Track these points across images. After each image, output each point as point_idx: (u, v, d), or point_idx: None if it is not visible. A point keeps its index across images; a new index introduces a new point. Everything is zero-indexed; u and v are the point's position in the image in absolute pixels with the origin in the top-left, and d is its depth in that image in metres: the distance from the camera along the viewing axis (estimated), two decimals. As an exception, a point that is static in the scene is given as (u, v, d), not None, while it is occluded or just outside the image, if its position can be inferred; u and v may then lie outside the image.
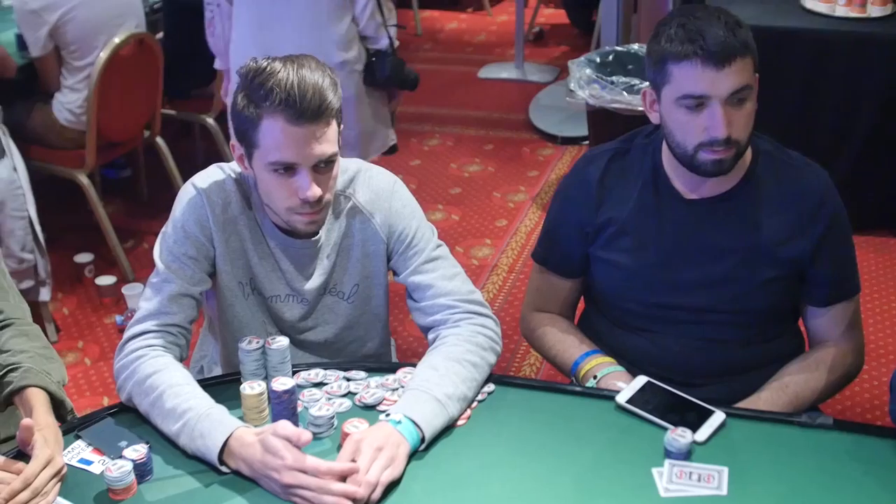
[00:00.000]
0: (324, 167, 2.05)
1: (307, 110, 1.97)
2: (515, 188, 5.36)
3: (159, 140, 4.85)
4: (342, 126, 2.09)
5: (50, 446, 1.88)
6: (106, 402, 3.69)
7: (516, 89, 6.81)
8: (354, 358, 2.33)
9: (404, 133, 6.00)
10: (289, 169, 2.03)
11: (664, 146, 2.24)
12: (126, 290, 4.28)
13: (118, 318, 4.21)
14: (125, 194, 5.32)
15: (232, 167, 2.21)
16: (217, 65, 4.08)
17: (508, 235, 4.84)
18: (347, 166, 2.24)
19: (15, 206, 3.89)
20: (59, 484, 1.86)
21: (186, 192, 2.18)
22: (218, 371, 2.40)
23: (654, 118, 2.22)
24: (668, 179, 2.26)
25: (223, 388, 2.10)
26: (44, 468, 1.84)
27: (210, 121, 5.06)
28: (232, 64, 3.86)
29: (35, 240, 4.00)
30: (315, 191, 2.03)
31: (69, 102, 4.43)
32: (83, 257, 4.56)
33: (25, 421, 1.92)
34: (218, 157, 5.13)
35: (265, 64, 2.02)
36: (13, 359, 2.11)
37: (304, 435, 1.81)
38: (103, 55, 4.27)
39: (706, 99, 2.07)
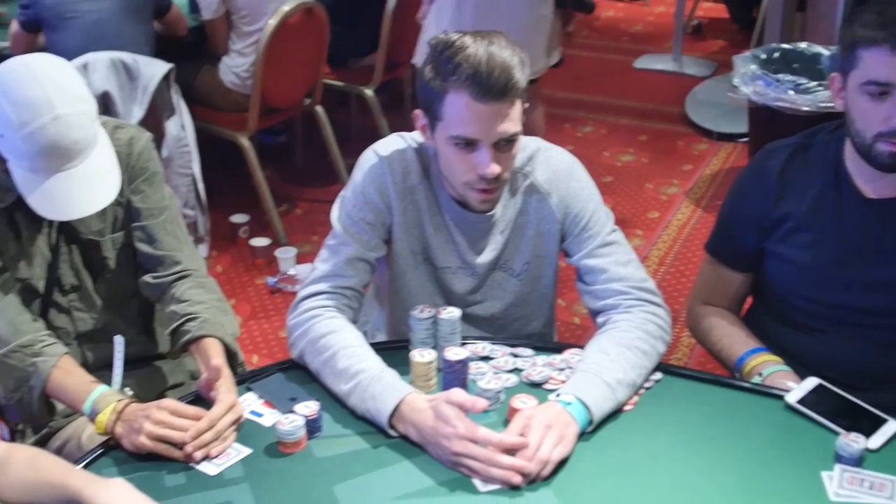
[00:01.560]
0: (504, 145, 2.05)
1: (493, 88, 1.97)
2: (668, 181, 5.30)
3: (319, 109, 4.91)
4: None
5: (232, 393, 1.94)
6: (256, 360, 3.76)
7: (672, 81, 6.73)
8: (518, 336, 2.32)
9: (558, 118, 5.99)
10: (469, 144, 2.03)
11: (847, 143, 2.19)
12: (279, 252, 4.37)
13: (270, 280, 4.29)
14: (279, 160, 5.41)
15: (413, 137, 2.23)
16: None
17: (660, 228, 4.79)
18: (527, 144, 2.23)
19: (181, 163, 4.01)
20: (236, 431, 1.92)
21: (368, 159, 2.21)
22: (381, 337, 2.43)
23: (839, 105, 2.16)
24: (849, 177, 2.20)
25: (389, 354, 2.10)
26: (227, 413, 1.89)
27: (369, 93, 5.10)
28: None
29: (197, 197, 4.10)
30: (493, 168, 2.04)
31: (236, 66, 4.53)
32: (239, 218, 4.66)
33: (216, 361, 1.98)
34: (373, 129, 5.18)
35: (455, 38, 2.02)
36: (190, 309, 2.18)
37: (480, 402, 1.82)
38: (272, 22, 4.34)
39: (891, 87, 2.01)
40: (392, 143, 2.22)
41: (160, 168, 2.34)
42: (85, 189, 2.05)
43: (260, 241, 4.52)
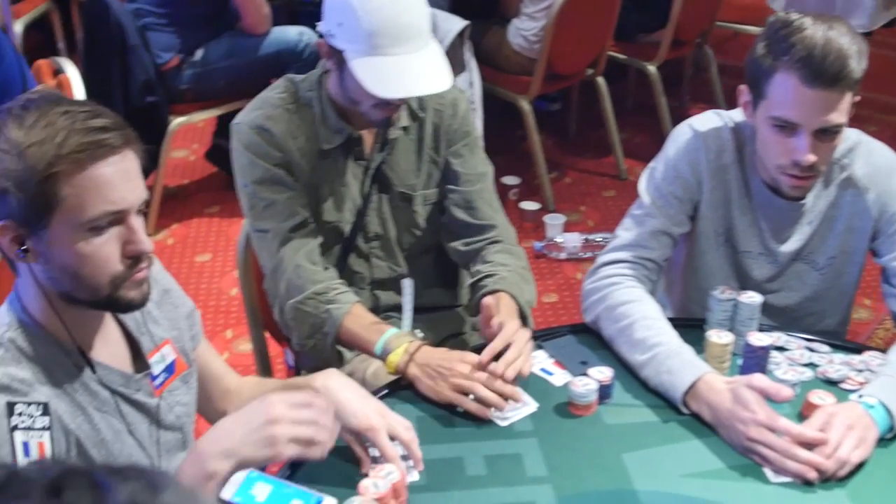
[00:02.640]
0: (825, 135, 1.98)
1: (824, 74, 1.91)
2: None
3: (600, 80, 4.88)
4: None
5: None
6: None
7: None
8: (810, 331, 2.24)
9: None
10: (789, 128, 1.98)
11: None
12: (548, 219, 4.39)
13: (536, 245, 4.32)
14: (552, 127, 5.41)
15: (730, 115, 2.19)
16: None
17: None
18: (848, 135, 2.15)
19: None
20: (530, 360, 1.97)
21: (683, 133, 2.18)
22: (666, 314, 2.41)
23: None
24: None
25: (679, 331, 2.07)
26: (518, 334, 1.96)
27: (651, 69, 5.03)
28: None
29: (476, 155, 4.15)
30: (809, 157, 1.98)
31: (525, 29, 4.55)
32: (510, 180, 4.70)
33: (502, 320, 2.02)
34: (650, 106, 5.15)
35: (794, 18, 1.97)
36: (493, 269, 2.21)
37: (785, 390, 1.79)
38: (566, -12, 4.34)
39: None
40: (709, 120, 2.19)
41: (479, 132, 2.35)
42: (417, 74, 2.06)
43: (530, 205, 4.55)
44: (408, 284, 2.27)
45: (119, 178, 1.47)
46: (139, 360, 1.71)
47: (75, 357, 1.58)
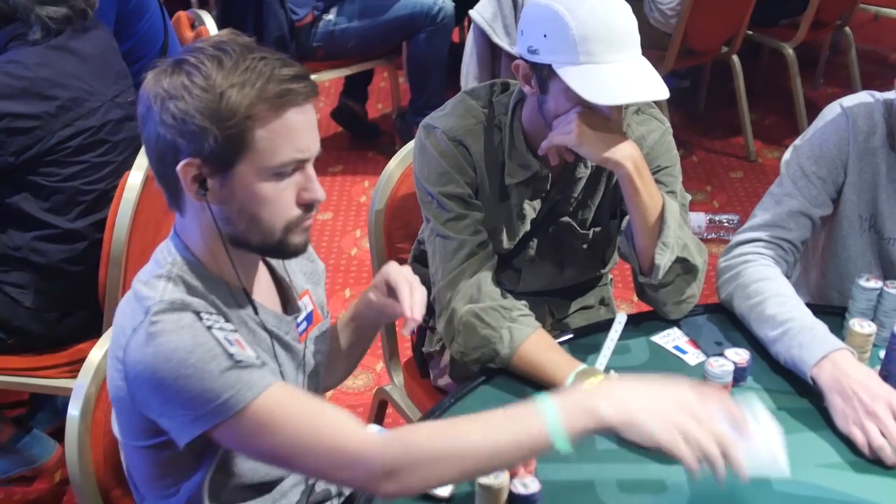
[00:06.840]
0: None
1: None
2: None
3: (734, 58, 4.78)
4: None
5: None
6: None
7: None
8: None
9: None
10: None
11: None
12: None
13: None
14: (680, 105, 5.33)
15: (883, 97, 2.11)
16: None
17: None
18: None
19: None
20: None
21: (832, 112, 2.12)
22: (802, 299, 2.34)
23: None
24: None
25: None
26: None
27: (788, 50, 4.91)
28: None
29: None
30: None
31: (663, 3, 4.45)
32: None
33: None
34: (784, 88, 5.04)
35: None
36: None
37: None
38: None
39: None
40: (860, 100, 2.11)
41: (675, 161, 2.19)
42: (633, 81, 1.86)
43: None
44: (621, 320, 2.08)
45: (307, 127, 1.53)
46: (287, 305, 1.76)
47: (238, 296, 1.62)
